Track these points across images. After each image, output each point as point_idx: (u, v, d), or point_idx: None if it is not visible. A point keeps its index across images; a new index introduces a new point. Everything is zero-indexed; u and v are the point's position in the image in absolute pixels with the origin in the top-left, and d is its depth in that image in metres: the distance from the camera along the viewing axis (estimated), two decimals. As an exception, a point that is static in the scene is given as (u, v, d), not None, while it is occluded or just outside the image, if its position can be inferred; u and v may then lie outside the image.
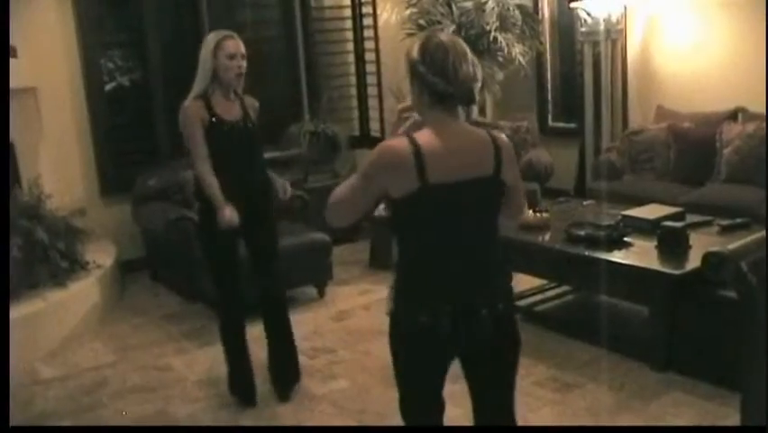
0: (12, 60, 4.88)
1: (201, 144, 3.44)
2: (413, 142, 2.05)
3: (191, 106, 3.46)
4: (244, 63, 3.48)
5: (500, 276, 2.23)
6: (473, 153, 2.12)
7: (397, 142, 2.07)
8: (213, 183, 3.45)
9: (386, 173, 2.06)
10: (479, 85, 2.17)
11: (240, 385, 3.74)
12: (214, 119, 3.45)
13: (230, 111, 3.52)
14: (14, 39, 4.92)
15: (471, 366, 2.27)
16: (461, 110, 2.17)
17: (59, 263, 4.71)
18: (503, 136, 2.20)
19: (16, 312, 4.25)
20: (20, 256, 4.36)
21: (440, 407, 2.31)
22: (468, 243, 2.13)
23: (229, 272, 3.64)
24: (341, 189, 2.18)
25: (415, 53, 2.10)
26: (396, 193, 2.06)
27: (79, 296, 4.74)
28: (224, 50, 3.41)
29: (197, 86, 3.47)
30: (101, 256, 5.17)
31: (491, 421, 2.34)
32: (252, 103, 3.66)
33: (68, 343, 4.56)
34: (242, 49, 3.47)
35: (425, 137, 2.07)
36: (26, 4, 5.25)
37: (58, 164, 5.48)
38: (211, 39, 3.45)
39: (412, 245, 2.14)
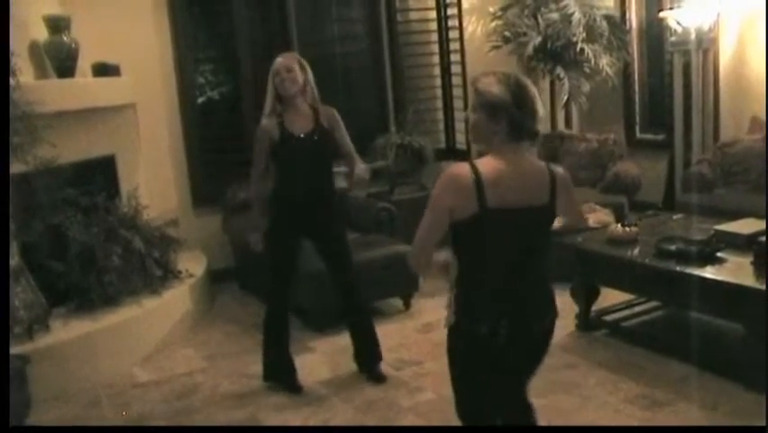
0: (115, 79, 5.14)
1: (258, 159, 3.85)
2: (474, 170, 2.23)
3: (264, 124, 3.82)
4: (294, 75, 3.74)
5: (549, 293, 2.43)
6: (532, 183, 2.30)
7: (460, 169, 2.26)
8: (258, 194, 3.91)
9: (449, 197, 2.25)
10: None
11: (278, 372, 4.08)
12: (284, 134, 3.77)
13: (300, 125, 3.80)
14: (118, 58, 5.19)
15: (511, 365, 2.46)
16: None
17: (154, 272, 4.89)
18: (560, 169, 2.40)
19: (116, 318, 4.47)
20: (120, 265, 4.55)
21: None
22: (521, 263, 2.33)
23: (281, 273, 3.99)
24: (418, 235, 2.32)
25: (501, 93, 2.25)
26: (458, 216, 2.24)
27: (172, 304, 4.91)
28: (275, 68, 3.75)
29: (266, 106, 3.82)
30: (192, 265, 5.34)
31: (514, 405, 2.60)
32: (329, 112, 3.87)
33: (162, 348, 4.73)
34: (291, 63, 3.75)
35: (486, 165, 2.26)
36: (128, 25, 5.50)
37: (153, 176, 5.67)
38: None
39: (471, 263, 2.33)
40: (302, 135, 3.79)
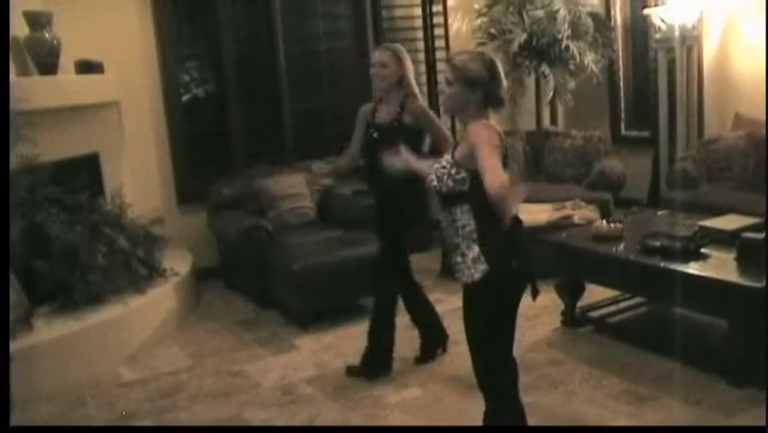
0: (98, 76, 5.10)
1: (354, 139, 4.09)
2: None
3: (362, 108, 4.11)
4: (385, 71, 3.87)
5: None
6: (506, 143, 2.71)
7: (495, 126, 2.63)
8: (337, 166, 4.30)
9: (501, 145, 2.58)
10: None
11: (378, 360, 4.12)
12: (370, 121, 3.97)
13: (384, 115, 3.92)
14: (101, 55, 5.14)
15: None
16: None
17: (139, 270, 4.86)
18: None
19: (101, 317, 4.43)
20: (104, 263, 4.52)
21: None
22: None
23: (379, 264, 4.16)
24: (496, 172, 2.45)
25: (477, 67, 2.63)
26: None
27: (157, 302, 4.89)
28: (372, 60, 3.96)
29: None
30: (177, 264, 5.31)
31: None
32: (414, 106, 3.88)
33: (148, 347, 4.70)
34: (379, 57, 3.88)
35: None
36: (111, 21, 5.47)
37: (137, 174, 5.64)
38: None
39: (490, 216, 2.55)
40: (381, 125, 3.89)
